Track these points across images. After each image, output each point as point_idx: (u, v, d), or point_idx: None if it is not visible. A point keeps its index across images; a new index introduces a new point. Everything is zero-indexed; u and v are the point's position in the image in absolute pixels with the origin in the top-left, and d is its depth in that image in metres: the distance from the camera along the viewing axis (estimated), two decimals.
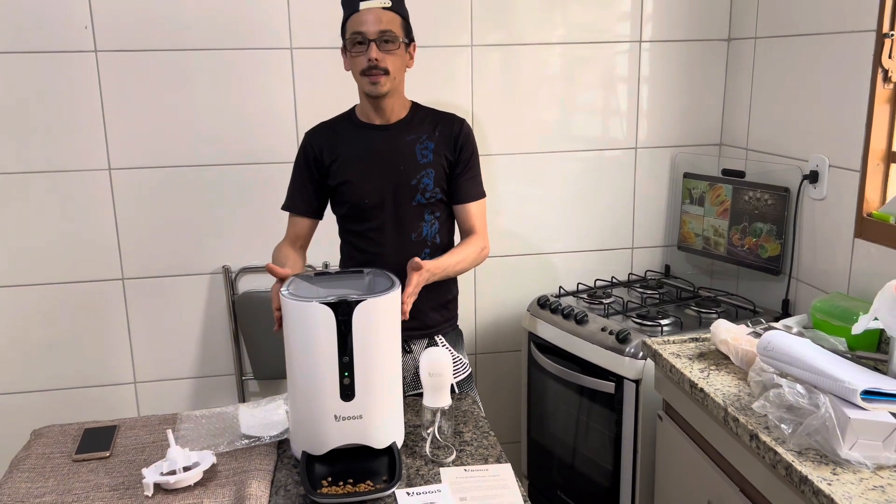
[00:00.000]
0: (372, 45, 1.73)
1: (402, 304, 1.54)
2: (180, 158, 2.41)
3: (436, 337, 1.93)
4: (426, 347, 1.90)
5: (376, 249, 1.86)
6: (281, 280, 1.58)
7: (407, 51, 1.81)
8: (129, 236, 2.43)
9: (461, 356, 1.96)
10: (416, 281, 1.63)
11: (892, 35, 1.92)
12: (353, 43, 1.75)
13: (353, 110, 1.92)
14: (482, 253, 1.90)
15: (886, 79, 1.95)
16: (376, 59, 1.73)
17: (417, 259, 1.64)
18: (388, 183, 1.83)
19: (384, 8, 1.74)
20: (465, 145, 1.88)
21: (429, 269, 1.69)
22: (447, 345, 1.94)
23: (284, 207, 1.94)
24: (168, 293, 2.49)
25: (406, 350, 1.90)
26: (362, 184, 1.84)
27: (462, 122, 1.91)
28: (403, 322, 1.54)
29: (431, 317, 1.91)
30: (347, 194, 1.86)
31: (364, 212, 1.85)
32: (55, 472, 1.52)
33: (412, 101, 1.91)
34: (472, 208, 1.90)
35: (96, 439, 1.63)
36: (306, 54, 2.40)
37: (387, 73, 1.75)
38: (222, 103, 2.39)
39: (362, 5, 1.73)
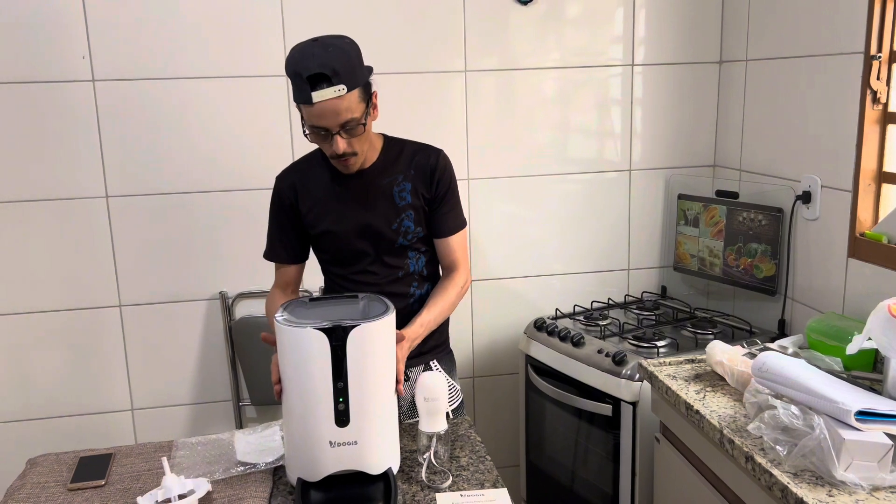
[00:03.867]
0: (336, 138, 1.61)
1: (397, 384, 1.52)
2: (177, 185, 2.42)
3: (431, 362, 1.93)
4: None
5: (363, 290, 1.78)
6: None
7: (369, 110, 1.66)
8: (126, 263, 2.44)
9: (454, 383, 1.95)
10: (401, 355, 1.59)
11: (880, 57, 1.94)
12: (316, 135, 1.64)
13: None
14: (463, 290, 1.85)
15: (875, 100, 1.97)
16: (344, 150, 1.64)
17: (397, 331, 1.58)
18: (368, 231, 1.78)
19: (340, 96, 1.55)
20: (442, 180, 1.80)
21: (409, 338, 1.67)
22: (441, 370, 1.94)
23: (266, 257, 1.89)
24: (165, 319, 2.49)
25: (404, 378, 1.89)
26: (342, 233, 1.79)
27: (438, 154, 1.82)
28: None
29: (424, 342, 1.90)
30: (328, 243, 1.82)
31: (347, 258, 1.82)
32: (50, 502, 1.51)
33: (382, 136, 1.84)
34: (453, 242, 1.85)
35: (91, 468, 1.63)
36: None
37: (356, 154, 1.68)
38: (219, 130, 2.41)
39: (315, 97, 1.54)
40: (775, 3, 2.33)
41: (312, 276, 2.06)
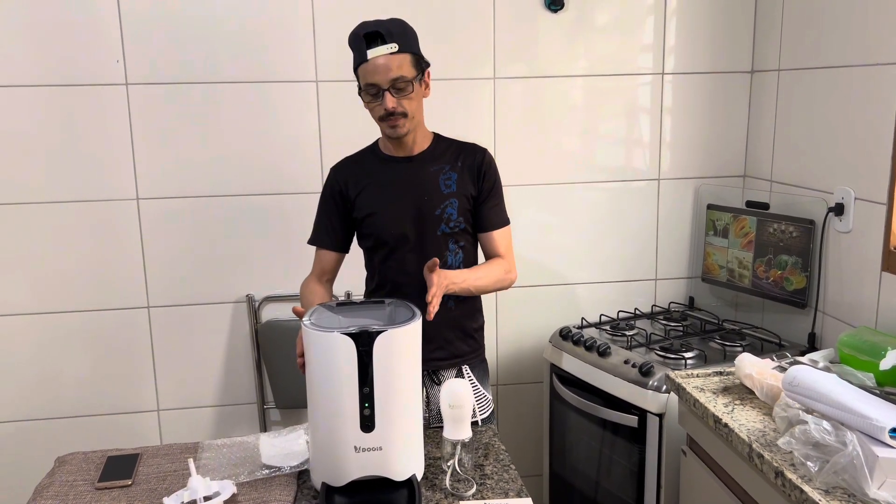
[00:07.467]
0: (386, 94, 1.72)
1: (429, 304, 1.59)
2: (206, 189, 2.45)
3: (462, 367, 1.93)
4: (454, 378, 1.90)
5: (402, 279, 1.87)
6: None
7: (422, 81, 1.79)
8: (155, 265, 2.47)
9: (486, 393, 1.95)
10: (436, 281, 1.65)
11: None
12: (368, 93, 1.75)
13: (376, 143, 1.94)
14: (508, 276, 1.91)
15: None
16: (393, 108, 1.73)
17: (435, 259, 1.68)
18: (412, 213, 1.85)
19: (392, 53, 1.71)
20: (488, 174, 1.90)
21: (448, 277, 1.73)
22: (473, 378, 1.94)
23: (311, 242, 1.96)
24: (192, 322, 2.51)
25: (436, 382, 1.90)
26: (387, 215, 1.86)
27: (484, 152, 1.92)
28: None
29: (458, 346, 1.92)
30: (372, 226, 1.87)
31: (389, 243, 1.87)
32: (78, 500, 1.53)
33: (434, 133, 1.93)
34: (497, 236, 1.92)
35: (119, 467, 1.64)
36: (331, 87, 2.44)
37: (405, 115, 1.76)
38: (248, 135, 2.43)
39: (370, 54, 1.71)
40: (809, 13, 2.30)
41: (339, 283, 2.07)
